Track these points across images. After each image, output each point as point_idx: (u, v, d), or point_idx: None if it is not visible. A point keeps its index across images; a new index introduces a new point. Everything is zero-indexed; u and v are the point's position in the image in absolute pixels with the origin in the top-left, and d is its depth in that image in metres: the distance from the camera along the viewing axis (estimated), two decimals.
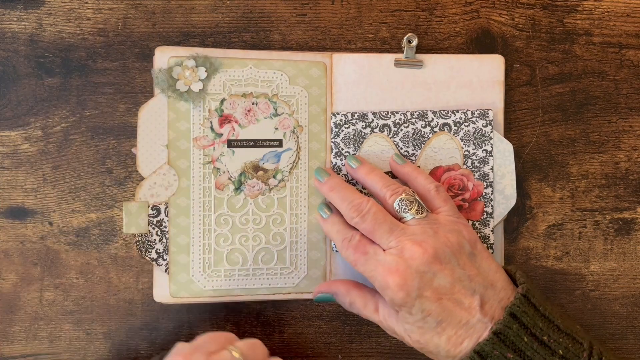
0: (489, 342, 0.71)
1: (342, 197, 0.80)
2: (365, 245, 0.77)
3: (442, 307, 0.72)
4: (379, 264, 0.74)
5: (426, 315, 0.72)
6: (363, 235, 0.78)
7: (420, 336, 0.74)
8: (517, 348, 0.71)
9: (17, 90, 0.85)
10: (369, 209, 0.77)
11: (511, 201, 0.85)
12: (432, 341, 0.73)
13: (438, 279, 0.73)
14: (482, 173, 0.84)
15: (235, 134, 0.84)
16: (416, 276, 0.72)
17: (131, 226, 0.83)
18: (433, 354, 0.75)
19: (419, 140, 0.84)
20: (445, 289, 0.73)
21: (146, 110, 0.83)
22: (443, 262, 0.73)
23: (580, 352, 0.71)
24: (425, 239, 0.74)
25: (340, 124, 0.84)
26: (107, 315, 0.86)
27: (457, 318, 0.72)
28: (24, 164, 0.85)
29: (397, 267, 0.72)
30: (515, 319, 0.72)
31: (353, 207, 0.78)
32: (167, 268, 0.84)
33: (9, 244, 0.85)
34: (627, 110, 0.88)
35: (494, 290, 0.74)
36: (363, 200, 0.78)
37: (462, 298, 0.73)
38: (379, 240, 0.76)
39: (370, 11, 0.87)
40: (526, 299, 0.73)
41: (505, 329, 0.71)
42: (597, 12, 0.87)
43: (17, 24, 0.85)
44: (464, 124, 0.84)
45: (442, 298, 0.72)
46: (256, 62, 0.84)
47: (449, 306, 0.72)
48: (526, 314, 0.72)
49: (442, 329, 0.73)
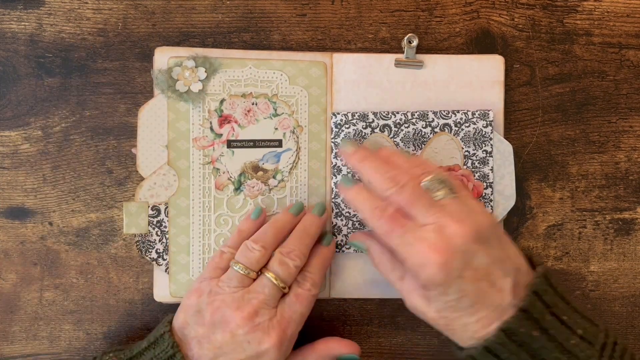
0: (516, 319, 0.68)
1: (376, 167, 0.75)
2: (402, 218, 0.72)
3: (479, 289, 0.70)
4: (418, 240, 0.70)
5: (462, 296, 0.70)
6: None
7: (450, 313, 0.71)
8: (541, 326, 0.69)
9: (17, 90, 0.85)
10: (406, 182, 0.73)
11: (510, 202, 0.85)
12: (460, 320, 0.71)
13: (477, 259, 0.69)
14: (482, 174, 0.84)
15: (234, 134, 0.84)
16: (458, 255, 0.68)
17: (131, 226, 0.84)
18: (456, 332, 0.73)
19: (420, 141, 0.84)
20: (483, 270, 0.70)
21: (146, 110, 0.83)
22: (482, 242, 0.70)
23: (598, 333, 0.70)
24: (464, 217, 0.70)
25: (340, 124, 0.84)
26: (107, 315, 0.87)
27: (490, 300, 0.70)
28: (24, 164, 0.85)
29: (439, 244, 0.69)
30: (538, 297, 0.70)
31: (389, 178, 0.74)
32: (167, 268, 0.84)
33: (9, 244, 0.85)
34: (627, 110, 0.88)
35: (521, 273, 0.72)
36: (399, 173, 0.74)
37: (497, 280, 0.70)
38: (417, 215, 0.71)
39: (370, 11, 0.87)
40: (546, 279, 0.71)
41: (530, 306, 0.69)
42: (597, 12, 0.87)
43: (17, 24, 0.85)
44: (465, 124, 0.84)
45: (480, 279, 0.70)
46: (256, 62, 0.84)
47: (485, 288, 0.70)
48: (547, 292, 0.70)
49: (474, 310, 0.70)
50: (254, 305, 0.75)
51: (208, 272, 0.79)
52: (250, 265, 0.77)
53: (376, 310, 0.88)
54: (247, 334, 0.74)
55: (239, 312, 0.74)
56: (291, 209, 0.82)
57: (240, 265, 0.77)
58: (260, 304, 0.75)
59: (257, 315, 0.75)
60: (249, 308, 0.75)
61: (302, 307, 0.77)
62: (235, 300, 0.75)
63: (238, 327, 0.74)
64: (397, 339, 0.88)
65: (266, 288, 0.76)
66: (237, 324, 0.74)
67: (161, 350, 0.74)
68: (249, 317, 0.74)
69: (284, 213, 0.82)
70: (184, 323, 0.76)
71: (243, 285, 0.76)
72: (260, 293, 0.76)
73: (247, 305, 0.75)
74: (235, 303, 0.75)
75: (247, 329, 0.74)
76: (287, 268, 0.77)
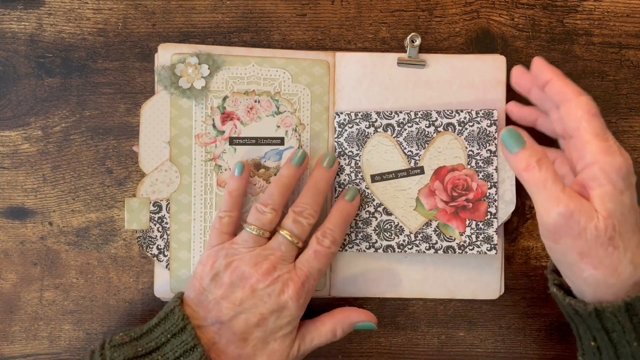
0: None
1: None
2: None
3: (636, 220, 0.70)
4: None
5: (630, 208, 0.69)
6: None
7: (620, 224, 0.68)
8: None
9: (17, 90, 0.85)
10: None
11: (511, 206, 0.85)
12: (627, 235, 0.69)
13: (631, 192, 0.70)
14: (486, 173, 0.84)
15: (237, 131, 0.84)
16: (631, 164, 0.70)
17: (133, 222, 0.83)
18: (607, 255, 0.69)
19: (423, 140, 0.84)
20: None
21: (148, 107, 0.83)
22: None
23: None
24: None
25: (343, 123, 0.84)
26: (107, 315, 0.86)
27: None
28: (24, 164, 0.85)
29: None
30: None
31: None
32: (168, 264, 0.84)
33: (9, 244, 0.85)
34: (627, 110, 0.88)
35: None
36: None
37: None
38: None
39: (370, 11, 0.87)
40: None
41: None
42: (597, 12, 0.87)
43: (17, 24, 0.85)
44: (468, 123, 0.84)
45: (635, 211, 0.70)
46: (259, 60, 0.84)
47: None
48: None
49: (636, 242, 0.69)
50: (272, 261, 0.77)
51: (214, 239, 0.80)
52: (263, 226, 0.79)
53: (376, 310, 0.88)
54: (267, 287, 0.76)
55: (257, 268, 0.76)
56: (293, 159, 0.82)
57: (253, 227, 0.78)
58: (277, 259, 0.78)
59: (275, 269, 0.77)
60: (267, 264, 0.77)
61: (320, 264, 0.79)
62: (252, 257, 0.77)
63: (258, 282, 0.76)
64: (397, 339, 0.88)
65: (282, 245, 0.78)
66: (257, 279, 0.76)
67: (172, 324, 0.75)
68: (267, 272, 0.76)
69: (287, 166, 0.82)
70: (199, 291, 0.77)
71: (259, 245, 0.78)
72: (277, 250, 0.78)
73: (264, 262, 0.77)
74: (253, 260, 0.77)
75: (267, 283, 0.76)
76: (301, 226, 0.79)
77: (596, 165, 0.68)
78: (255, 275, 0.76)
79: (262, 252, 0.78)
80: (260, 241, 0.79)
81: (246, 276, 0.76)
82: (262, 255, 0.77)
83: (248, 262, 0.77)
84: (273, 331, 0.77)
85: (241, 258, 0.77)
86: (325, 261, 0.79)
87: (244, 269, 0.76)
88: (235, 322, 0.76)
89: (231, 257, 0.77)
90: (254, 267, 0.76)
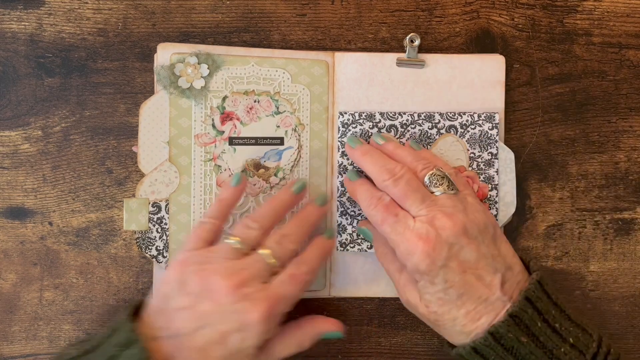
0: (504, 325, 0.71)
1: (374, 160, 0.79)
2: (396, 208, 0.76)
3: (465, 281, 0.72)
4: (408, 229, 0.73)
5: (449, 287, 0.72)
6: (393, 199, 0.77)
7: (439, 307, 0.73)
8: (531, 332, 0.71)
9: (17, 90, 0.85)
10: (402, 174, 0.76)
11: (511, 208, 0.85)
12: (449, 313, 0.73)
13: (465, 252, 0.72)
14: (488, 175, 0.84)
15: (236, 131, 0.84)
16: (445, 246, 0.72)
17: (131, 223, 0.83)
18: (446, 328, 0.75)
19: (426, 142, 0.84)
20: (470, 263, 0.72)
21: (148, 107, 0.83)
22: (470, 237, 0.73)
23: (590, 343, 0.72)
24: (456, 212, 0.73)
25: (347, 123, 0.84)
26: (107, 315, 0.86)
27: (478, 293, 0.72)
28: (24, 164, 0.85)
29: (427, 234, 0.72)
30: (530, 303, 0.72)
31: (386, 170, 0.77)
32: (167, 265, 0.84)
33: (9, 244, 0.85)
34: (627, 110, 0.88)
35: (512, 272, 0.74)
36: (397, 166, 0.77)
37: (485, 274, 0.73)
38: (410, 207, 0.75)
39: (370, 11, 0.87)
40: (540, 286, 0.73)
41: (520, 312, 0.71)
42: (597, 12, 0.87)
43: (17, 24, 0.85)
44: (470, 126, 0.84)
45: (466, 271, 0.72)
46: (258, 60, 0.84)
47: (472, 280, 0.72)
48: (540, 299, 0.72)
49: (462, 303, 0.72)
50: (244, 276, 0.72)
51: (191, 243, 0.76)
52: (246, 241, 0.75)
53: (376, 310, 0.88)
54: (235, 303, 0.70)
55: (226, 281, 0.71)
56: (293, 186, 0.81)
57: (235, 239, 0.75)
58: (250, 275, 0.72)
59: (245, 285, 0.71)
60: (238, 278, 0.71)
61: (295, 289, 0.74)
62: (226, 269, 0.72)
63: (226, 295, 0.70)
64: (397, 339, 0.88)
65: (259, 262, 0.74)
66: (225, 292, 0.71)
67: (123, 338, 0.70)
68: (237, 286, 0.71)
69: (285, 191, 0.81)
70: (164, 297, 0.73)
71: (235, 258, 0.74)
72: (252, 266, 0.73)
73: (236, 275, 0.72)
74: (226, 271, 0.72)
75: (235, 298, 0.70)
76: (284, 248, 0.76)
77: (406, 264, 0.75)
78: (224, 288, 0.71)
79: (237, 264, 0.73)
80: (237, 255, 0.74)
81: (213, 288, 0.71)
82: (235, 268, 0.73)
83: (220, 272, 0.72)
84: (236, 352, 0.72)
85: (214, 268, 0.72)
86: (301, 288, 0.75)
87: (213, 279, 0.71)
88: (195, 337, 0.71)
89: (204, 264, 0.73)
90: (225, 279, 0.71)
